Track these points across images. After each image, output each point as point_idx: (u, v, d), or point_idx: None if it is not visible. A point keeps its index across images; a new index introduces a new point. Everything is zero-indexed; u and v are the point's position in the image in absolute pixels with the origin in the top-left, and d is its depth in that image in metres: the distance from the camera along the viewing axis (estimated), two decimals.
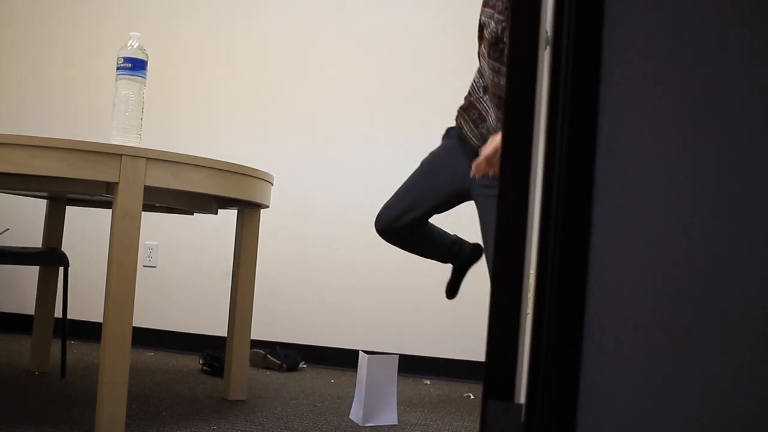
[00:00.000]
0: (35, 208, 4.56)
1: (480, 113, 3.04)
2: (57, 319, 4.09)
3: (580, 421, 1.15)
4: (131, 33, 2.70)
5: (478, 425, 3.03)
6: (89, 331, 4.43)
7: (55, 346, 3.97)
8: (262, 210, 3.21)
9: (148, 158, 2.43)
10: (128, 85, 2.64)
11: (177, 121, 4.53)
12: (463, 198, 3.16)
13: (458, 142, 3.15)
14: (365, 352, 3.02)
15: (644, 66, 1.22)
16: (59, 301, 3.87)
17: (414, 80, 4.34)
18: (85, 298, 4.51)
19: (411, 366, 4.15)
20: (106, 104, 4.53)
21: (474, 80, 3.11)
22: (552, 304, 1.18)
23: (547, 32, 1.54)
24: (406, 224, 3.14)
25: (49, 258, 3.22)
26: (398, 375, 3.30)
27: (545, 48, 1.47)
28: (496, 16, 2.86)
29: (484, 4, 2.95)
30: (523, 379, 1.26)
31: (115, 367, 2.42)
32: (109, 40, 4.61)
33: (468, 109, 3.10)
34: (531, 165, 1.32)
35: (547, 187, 1.24)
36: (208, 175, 2.61)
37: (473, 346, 4.17)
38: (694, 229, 1.16)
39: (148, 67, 2.73)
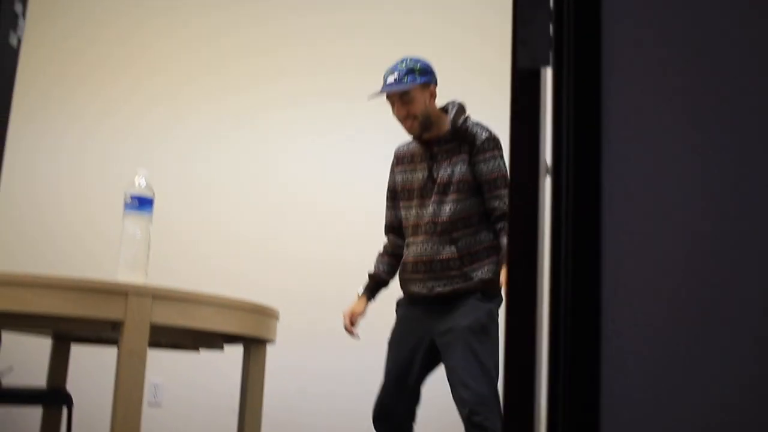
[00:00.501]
0: (40, 346, 4.52)
1: (413, 262, 3.24)
2: None
3: None
4: (138, 170, 2.74)
5: None
6: None
7: None
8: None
9: (154, 296, 2.43)
10: (135, 222, 2.67)
11: (179, 252, 4.55)
12: (436, 350, 3.21)
13: (405, 306, 3.35)
14: None
15: (645, 73, 1.23)
16: None
17: None
18: None
19: None
20: (113, 238, 4.57)
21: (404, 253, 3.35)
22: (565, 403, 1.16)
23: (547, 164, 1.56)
24: (403, 410, 3.24)
25: (53, 398, 3.18)
26: None
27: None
28: (418, 166, 3.30)
29: (399, 164, 3.40)
30: None
31: None
32: (115, 174, 4.68)
33: (404, 273, 3.30)
34: (537, 286, 1.32)
35: (554, 289, 1.23)
36: (215, 312, 2.60)
37: None
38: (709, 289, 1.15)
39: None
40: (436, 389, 3.38)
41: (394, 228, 3.43)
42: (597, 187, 1.26)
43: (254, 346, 3.12)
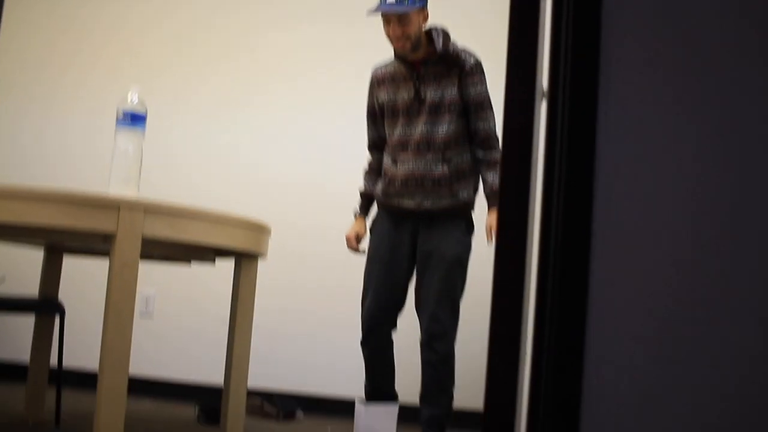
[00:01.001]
0: (32, 257, 4.55)
1: (400, 178, 3.32)
2: (52, 368, 4.07)
3: None
4: (132, 86, 2.73)
5: None
6: (85, 381, 4.40)
7: (50, 395, 3.94)
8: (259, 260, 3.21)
9: (146, 209, 2.44)
10: (127, 137, 2.67)
11: (175, 171, 4.55)
12: (413, 257, 3.38)
13: (386, 220, 3.43)
14: (362, 401, 3.00)
15: (645, 71, 1.24)
16: (55, 350, 3.85)
17: None
18: (81, 347, 4.48)
19: (410, 416, 4.12)
20: (105, 154, 4.56)
21: (385, 164, 3.43)
22: (549, 366, 1.18)
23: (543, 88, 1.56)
24: (389, 317, 3.36)
25: (46, 307, 3.21)
26: (398, 425, 3.28)
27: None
28: (402, 86, 3.33)
29: (380, 85, 3.42)
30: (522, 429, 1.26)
31: (110, 416, 2.40)
32: (111, 90, 4.65)
33: (390, 185, 3.37)
34: (528, 215, 1.33)
35: (544, 237, 1.25)
36: (206, 226, 2.62)
37: (473, 396, 4.14)
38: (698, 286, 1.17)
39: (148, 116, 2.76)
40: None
41: (377, 145, 3.53)
42: (593, 112, 1.27)
43: (245, 260, 3.16)
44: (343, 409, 4.20)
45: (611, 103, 1.25)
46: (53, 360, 3.94)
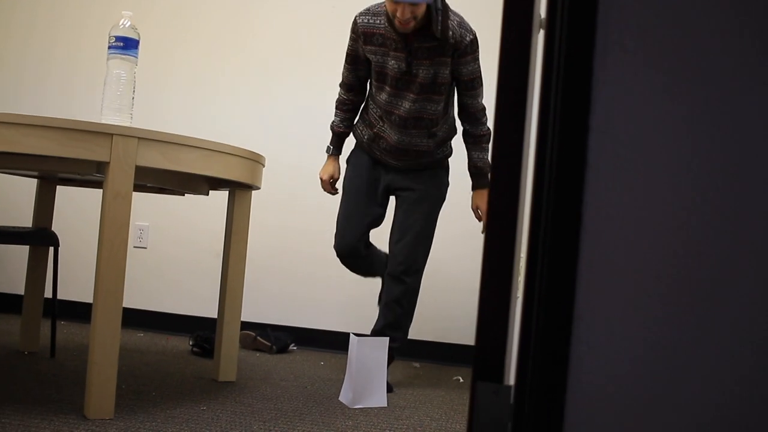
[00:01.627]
0: (25, 188, 4.55)
1: (386, 141, 3.32)
2: (47, 299, 4.09)
3: (569, 402, 1.16)
4: (123, 12, 2.68)
5: (467, 408, 3.04)
6: (79, 312, 4.43)
7: (45, 326, 3.97)
8: (254, 192, 3.20)
9: (139, 138, 2.43)
10: (120, 64, 2.63)
11: (169, 100, 4.52)
12: (389, 193, 3.46)
13: (364, 156, 3.46)
14: (355, 334, 3.02)
15: (639, 64, 1.22)
16: (49, 281, 3.87)
17: None
18: (75, 278, 4.50)
19: (401, 349, 4.16)
20: (98, 83, 4.51)
21: (370, 114, 3.38)
22: (542, 287, 1.18)
23: (541, 16, 1.54)
24: (365, 241, 3.42)
25: (39, 237, 3.21)
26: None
27: (539, 32, 1.47)
28: (392, 54, 3.17)
29: (368, 43, 3.23)
30: (513, 361, 1.27)
31: (104, 347, 2.41)
32: (102, 18, 4.59)
33: (375, 140, 3.38)
34: (522, 148, 1.32)
35: (538, 171, 1.24)
36: (200, 156, 2.60)
37: (463, 330, 4.18)
38: (686, 221, 1.16)
39: (141, 45, 2.72)
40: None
41: (353, 88, 3.45)
42: (591, 41, 1.25)
43: (239, 191, 3.15)
44: (335, 342, 4.24)
45: (610, 32, 1.23)
46: (48, 291, 3.97)
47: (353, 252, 3.38)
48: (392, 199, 3.48)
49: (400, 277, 3.31)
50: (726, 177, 1.15)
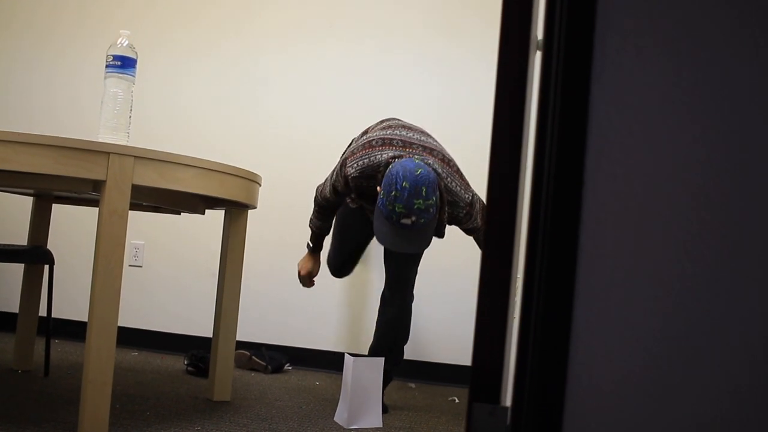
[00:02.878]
0: (21, 205, 4.54)
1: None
2: (41, 317, 4.07)
3: (566, 423, 1.15)
4: (121, 31, 2.69)
5: (462, 429, 3.03)
6: (73, 330, 4.41)
7: (39, 345, 3.95)
8: (249, 211, 3.20)
9: (135, 156, 2.43)
10: (117, 83, 2.63)
11: (165, 120, 4.52)
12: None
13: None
14: (351, 354, 3.01)
15: (637, 63, 1.22)
16: (44, 299, 3.85)
17: (405, 81, 4.34)
18: (69, 296, 4.49)
19: (397, 369, 4.15)
20: (95, 102, 4.52)
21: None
22: (539, 308, 1.18)
23: (538, 37, 1.54)
24: (350, 266, 3.50)
25: (35, 255, 3.20)
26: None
27: (535, 52, 1.48)
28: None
29: (361, 197, 3.03)
30: (509, 382, 1.26)
31: (99, 365, 2.40)
32: (100, 37, 4.60)
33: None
34: (520, 165, 1.32)
35: (536, 190, 1.24)
36: (196, 175, 2.60)
37: (459, 351, 4.17)
38: (683, 228, 1.16)
39: (138, 65, 2.72)
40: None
41: (331, 207, 3.25)
42: (588, 63, 1.25)
43: (235, 210, 3.15)
44: (331, 361, 4.23)
45: (608, 52, 1.24)
46: (42, 309, 3.95)
47: (342, 273, 3.52)
48: None
49: (395, 295, 3.32)
50: (727, 176, 1.15)
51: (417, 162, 2.73)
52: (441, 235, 3.03)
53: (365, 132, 3.18)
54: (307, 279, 3.44)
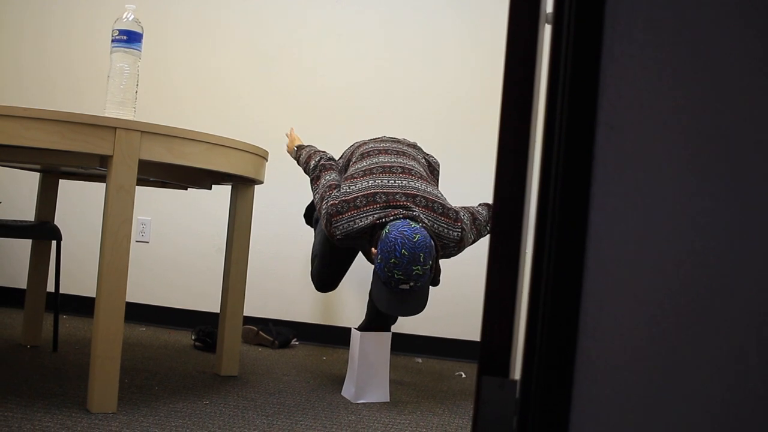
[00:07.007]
0: (28, 181, 4.54)
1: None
2: (49, 293, 4.08)
3: (576, 396, 1.15)
4: (127, 5, 2.68)
5: (469, 404, 3.04)
6: (81, 306, 4.43)
7: (47, 320, 3.97)
8: (256, 186, 3.20)
9: (142, 131, 2.42)
10: (123, 57, 2.62)
11: (173, 95, 4.51)
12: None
13: None
14: (357, 329, 3.02)
15: (648, 58, 1.21)
16: (51, 275, 3.86)
17: (413, 60, 4.32)
18: (77, 272, 4.50)
19: (404, 344, 4.16)
20: (101, 77, 4.51)
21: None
22: (549, 281, 1.18)
23: (547, 10, 1.53)
24: (338, 279, 3.42)
25: (42, 231, 3.21)
26: (391, 353, 3.31)
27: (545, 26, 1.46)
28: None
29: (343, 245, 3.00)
30: (519, 355, 1.26)
31: (107, 340, 2.41)
32: (106, 12, 4.58)
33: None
34: (529, 140, 1.32)
35: (545, 167, 1.23)
36: (203, 150, 2.60)
37: (466, 326, 4.18)
38: (695, 220, 1.16)
39: (144, 40, 2.71)
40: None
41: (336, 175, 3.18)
42: (599, 35, 1.24)
43: (242, 185, 3.15)
44: (338, 336, 4.24)
45: (618, 24, 1.23)
46: (50, 285, 3.96)
47: (327, 286, 3.40)
48: None
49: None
50: (737, 173, 1.15)
51: (414, 227, 2.69)
52: (436, 283, 3.02)
53: (350, 156, 3.22)
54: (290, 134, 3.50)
